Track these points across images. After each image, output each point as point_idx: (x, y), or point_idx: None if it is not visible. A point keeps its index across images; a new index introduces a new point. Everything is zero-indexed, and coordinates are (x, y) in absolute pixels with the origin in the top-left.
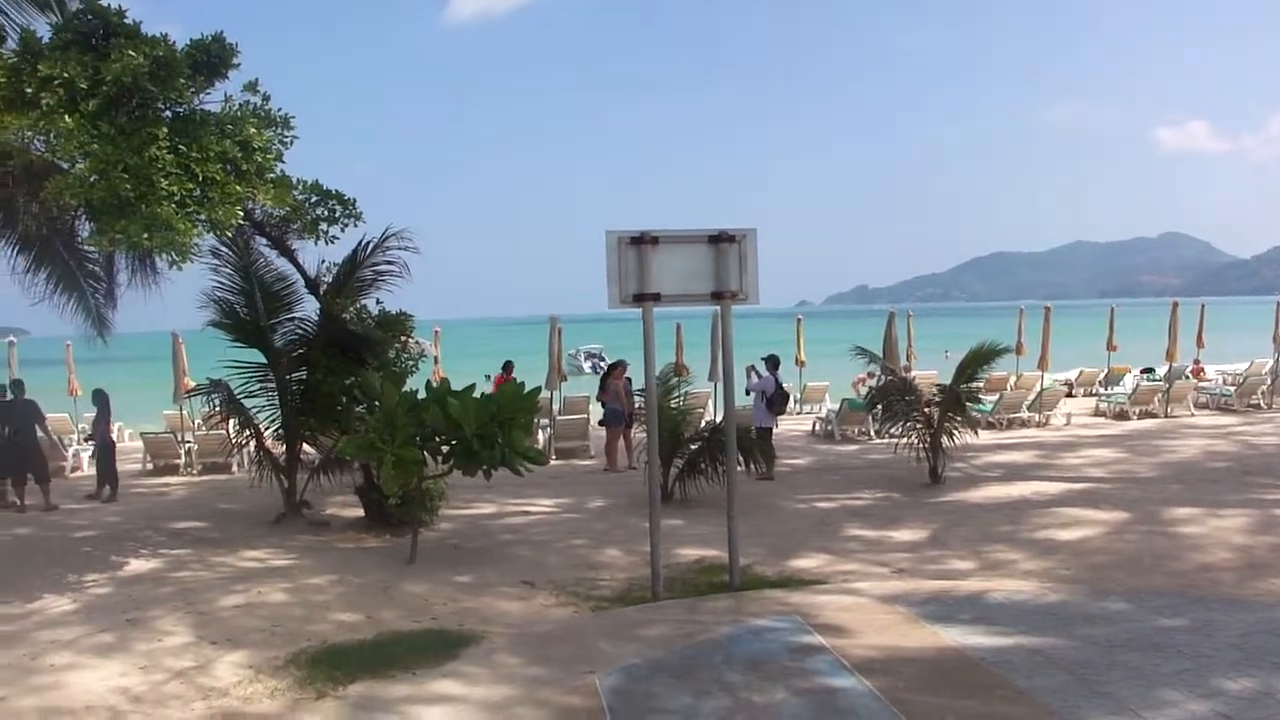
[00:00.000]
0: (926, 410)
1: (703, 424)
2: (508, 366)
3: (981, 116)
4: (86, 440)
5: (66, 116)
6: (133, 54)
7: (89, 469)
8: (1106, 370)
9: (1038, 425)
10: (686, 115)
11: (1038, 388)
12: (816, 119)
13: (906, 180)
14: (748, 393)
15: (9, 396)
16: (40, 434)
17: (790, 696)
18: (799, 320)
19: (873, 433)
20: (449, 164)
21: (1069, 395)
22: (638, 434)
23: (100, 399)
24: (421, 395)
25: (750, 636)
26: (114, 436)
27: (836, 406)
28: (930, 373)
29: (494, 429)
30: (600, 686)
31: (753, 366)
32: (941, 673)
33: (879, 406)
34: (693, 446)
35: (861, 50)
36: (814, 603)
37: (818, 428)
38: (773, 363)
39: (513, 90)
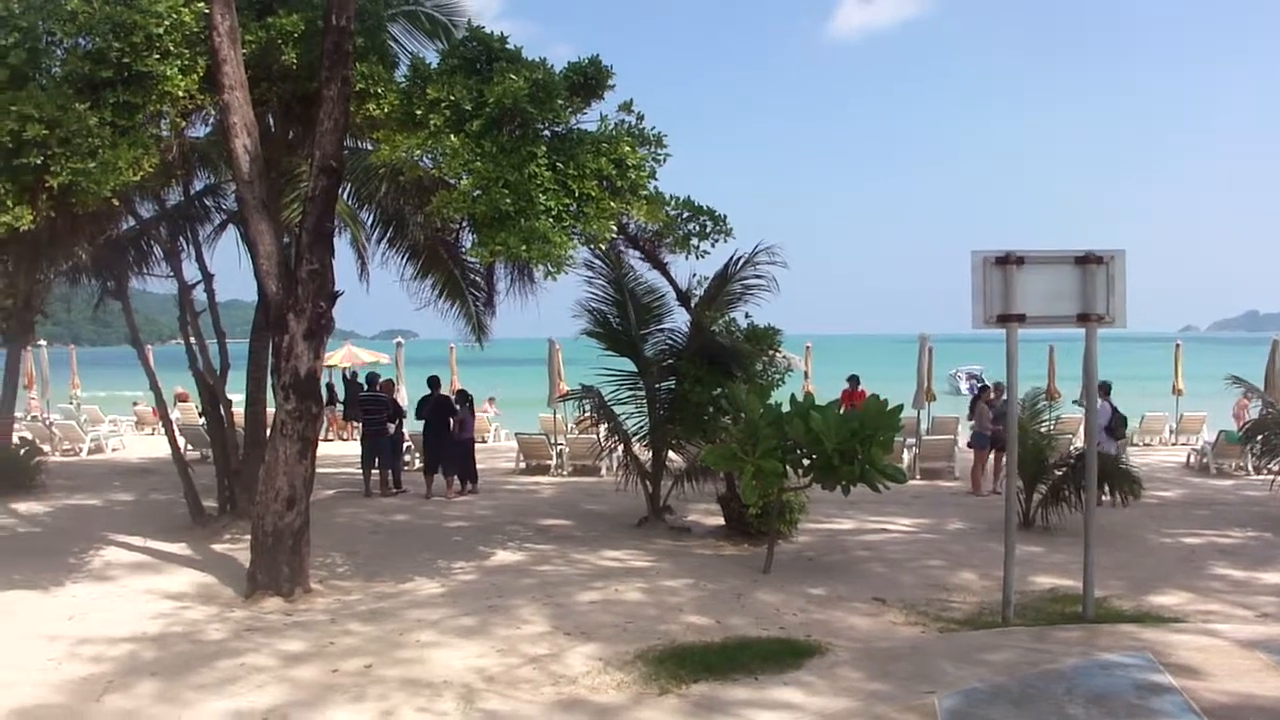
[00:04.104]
0: None
1: (1071, 449)
2: (853, 380)
3: None
4: None
5: (452, 136)
6: (514, 77)
7: None
8: None
9: None
10: (1071, 130)
11: None
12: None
13: None
14: None
15: (366, 390)
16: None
17: None
18: (1177, 346)
19: (1250, 468)
20: (827, 177)
21: None
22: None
23: (463, 398)
24: (785, 408)
25: (1097, 670)
26: (478, 435)
27: (1214, 438)
28: None
29: (855, 445)
30: (938, 707)
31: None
32: None
33: (1257, 440)
34: (1057, 472)
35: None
36: (1168, 641)
37: (1192, 460)
38: (1104, 389)
39: (894, 104)
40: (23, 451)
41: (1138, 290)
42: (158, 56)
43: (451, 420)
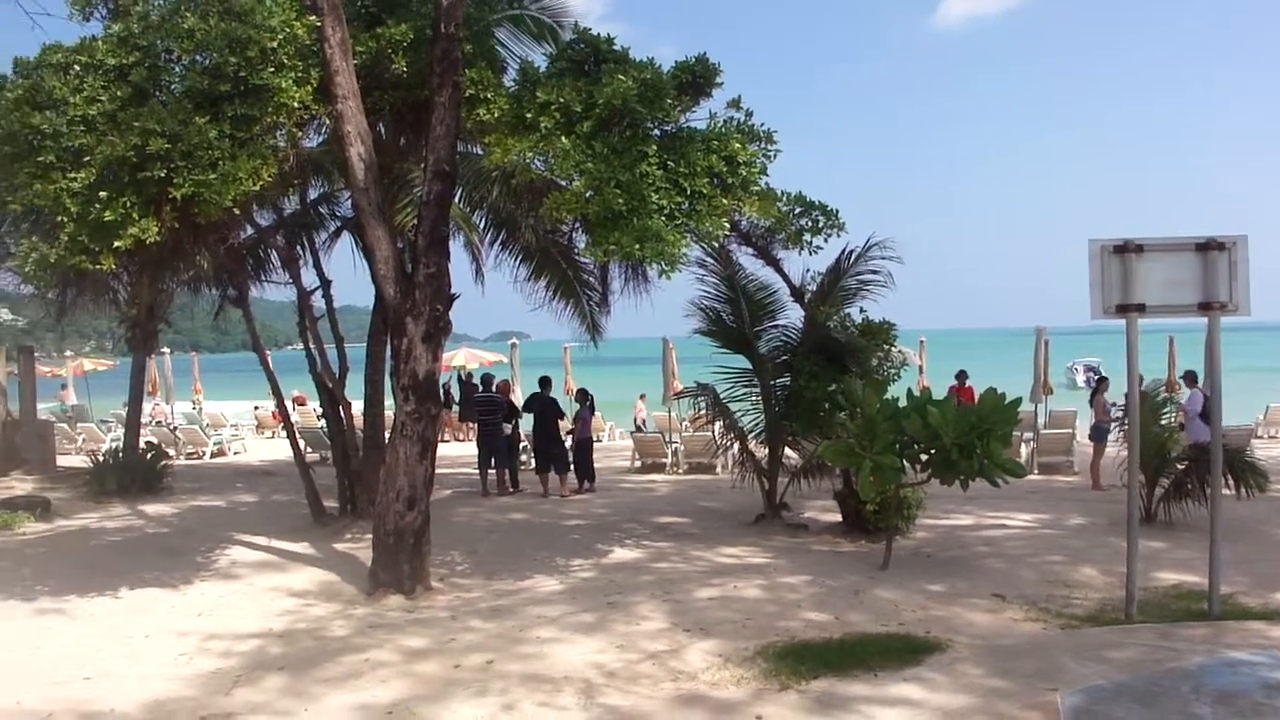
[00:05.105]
0: None
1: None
2: (961, 375)
3: None
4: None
5: (563, 138)
6: (622, 78)
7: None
8: None
9: None
10: (1193, 119)
11: None
12: None
13: None
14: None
15: (481, 391)
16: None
17: None
18: None
19: None
20: (942, 170)
21: None
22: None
23: (582, 397)
24: (902, 404)
25: (1224, 668)
26: (594, 434)
27: None
28: None
29: (973, 439)
30: (1061, 705)
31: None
32: None
33: None
34: (1179, 466)
35: None
36: None
37: None
38: (1190, 378)
39: (1002, 93)
40: (149, 455)
41: (1263, 274)
42: (272, 70)
43: (559, 420)
